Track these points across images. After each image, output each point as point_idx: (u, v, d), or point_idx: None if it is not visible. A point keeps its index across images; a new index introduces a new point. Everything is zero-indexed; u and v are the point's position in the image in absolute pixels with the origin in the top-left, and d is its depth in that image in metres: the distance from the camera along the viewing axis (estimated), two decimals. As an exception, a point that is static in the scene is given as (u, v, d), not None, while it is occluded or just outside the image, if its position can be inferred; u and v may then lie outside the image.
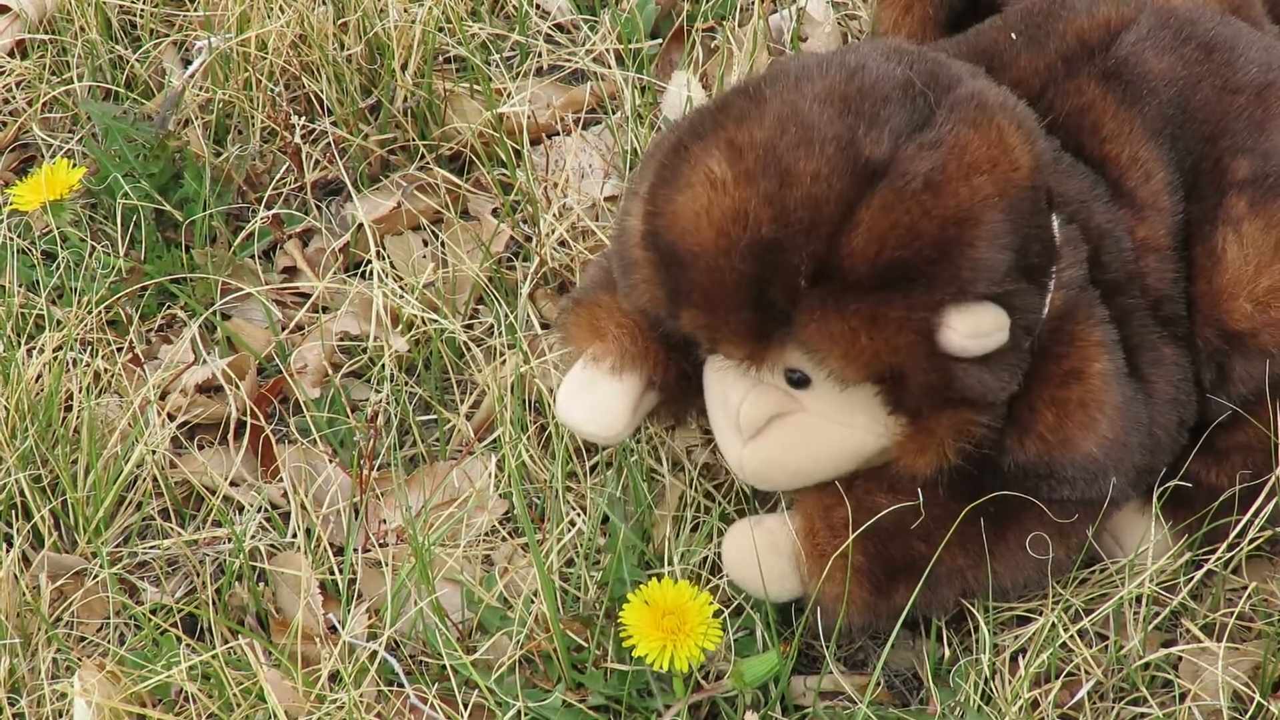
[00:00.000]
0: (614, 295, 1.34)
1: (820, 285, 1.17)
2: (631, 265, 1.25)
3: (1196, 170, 1.33)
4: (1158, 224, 1.32)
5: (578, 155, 1.79)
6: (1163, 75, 1.34)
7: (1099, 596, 1.39)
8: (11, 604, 1.40)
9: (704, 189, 1.18)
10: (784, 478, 1.30)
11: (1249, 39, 1.37)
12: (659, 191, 1.22)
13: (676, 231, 1.20)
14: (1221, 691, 1.32)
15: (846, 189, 1.16)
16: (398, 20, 1.81)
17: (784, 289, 1.17)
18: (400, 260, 1.71)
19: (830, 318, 1.17)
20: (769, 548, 1.32)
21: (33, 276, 1.69)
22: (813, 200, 1.16)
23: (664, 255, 1.21)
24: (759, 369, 1.24)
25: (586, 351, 1.34)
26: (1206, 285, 1.31)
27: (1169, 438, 1.32)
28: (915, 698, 1.39)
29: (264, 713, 1.33)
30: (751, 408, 1.26)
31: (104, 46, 1.88)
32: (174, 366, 1.62)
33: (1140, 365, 1.29)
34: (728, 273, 1.18)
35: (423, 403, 1.61)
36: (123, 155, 1.74)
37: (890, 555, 1.29)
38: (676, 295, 1.22)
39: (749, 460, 1.28)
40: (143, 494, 1.52)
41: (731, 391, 1.28)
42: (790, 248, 1.16)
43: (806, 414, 1.26)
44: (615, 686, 1.35)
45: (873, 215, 1.15)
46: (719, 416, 1.30)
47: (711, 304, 1.20)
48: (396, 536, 1.49)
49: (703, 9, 1.92)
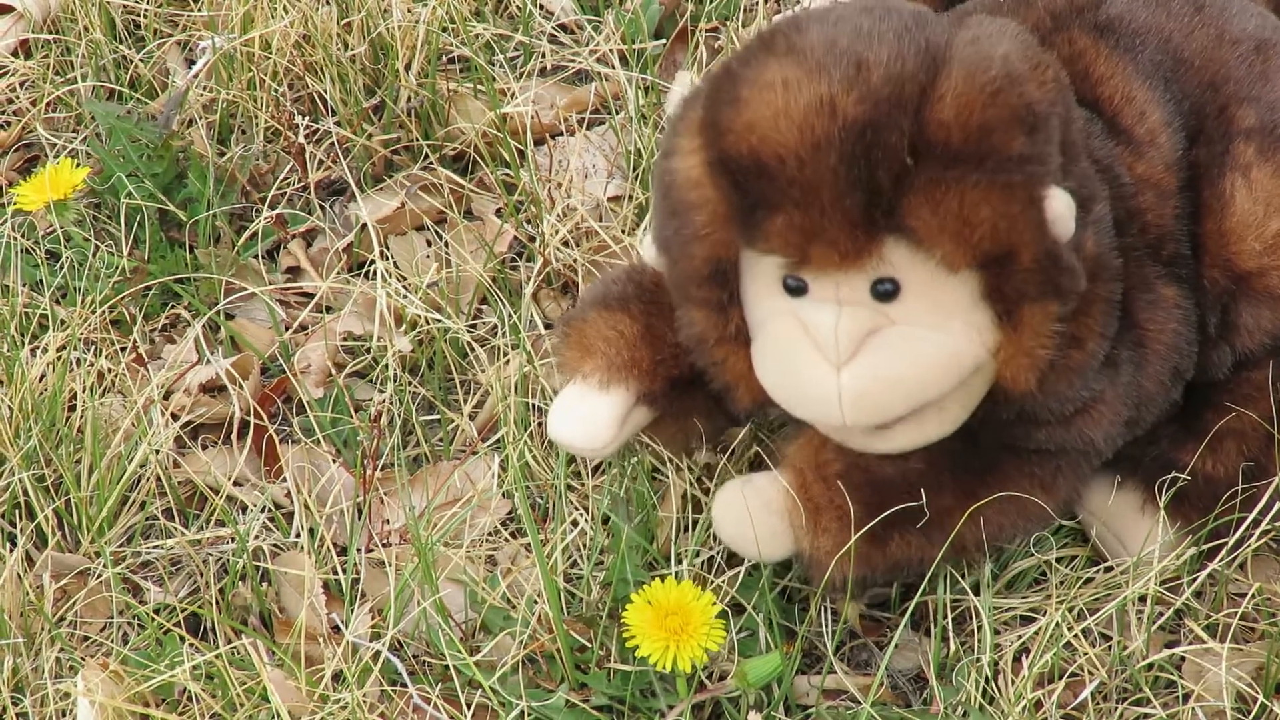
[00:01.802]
0: (603, 311, 1.34)
1: (925, 162, 1.15)
2: (689, 209, 1.21)
3: (1200, 115, 1.33)
4: (1156, 160, 1.32)
5: (581, 156, 1.79)
6: (1152, 28, 1.35)
7: (1103, 596, 1.39)
8: (15, 603, 1.41)
9: (776, 92, 1.15)
10: (889, 398, 1.22)
11: (1239, 3, 1.38)
12: (720, 113, 1.18)
13: (754, 140, 1.16)
14: (1225, 692, 1.32)
15: (921, 66, 1.15)
16: (402, 20, 1.81)
17: (889, 169, 1.15)
18: (404, 260, 1.72)
19: (943, 193, 1.15)
20: (761, 505, 1.30)
21: (37, 276, 1.70)
22: (894, 78, 1.14)
23: (739, 172, 1.17)
24: (855, 270, 1.19)
25: (578, 373, 1.34)
26: (1215, 225, 1.31)
27: (1159, 388, 1.31)
28: (919, 698, 1.39)
29: (267, 713, 1.33)
30: (850, 322, 1.20)
31: (108, 46, 1.88)
32: (178, 366, 1.62)
33: (1134, 309, 1.29)
34: (825, 164, 1.14)
35: (426, 403, 1.61)
36: (127, 155, 1.75)
37: (886, 505, 1.28)
38: (758, 211, 1.17)
39: (850, 384, 1.20)
40: (146, 494, 1.52)
41: (816, 319, 1.21)
42: (886, 125, 1.14)
43: (900, 326, 1.21)
44: (618, 687, 1.35)
45: (955, 87, 1.14)
46: (797, 355, 1.23)
47: (809, 200, 1.16)
48: (400, 536, 1.49)
49: (706, 9, 1.92)
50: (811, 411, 1.25)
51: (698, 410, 1.37)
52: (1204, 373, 1.34)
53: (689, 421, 1.38)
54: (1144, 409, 1.32)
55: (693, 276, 1.24)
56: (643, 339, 1.34)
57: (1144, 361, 1.29)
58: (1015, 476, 1.30)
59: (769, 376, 1.25)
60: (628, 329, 1.34)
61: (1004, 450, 1.29)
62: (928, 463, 1.28)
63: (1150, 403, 1.32)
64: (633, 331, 1.34)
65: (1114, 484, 1.39)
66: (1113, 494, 1.39)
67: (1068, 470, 1.31)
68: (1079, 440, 1.29)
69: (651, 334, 1.34)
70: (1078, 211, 1.21)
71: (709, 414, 1.38)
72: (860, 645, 1.42)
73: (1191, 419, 1.36)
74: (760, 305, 1.25)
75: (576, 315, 1.37)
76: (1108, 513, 1.40)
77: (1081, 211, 1.22)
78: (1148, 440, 1.37)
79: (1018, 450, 1.30)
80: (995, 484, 1.30)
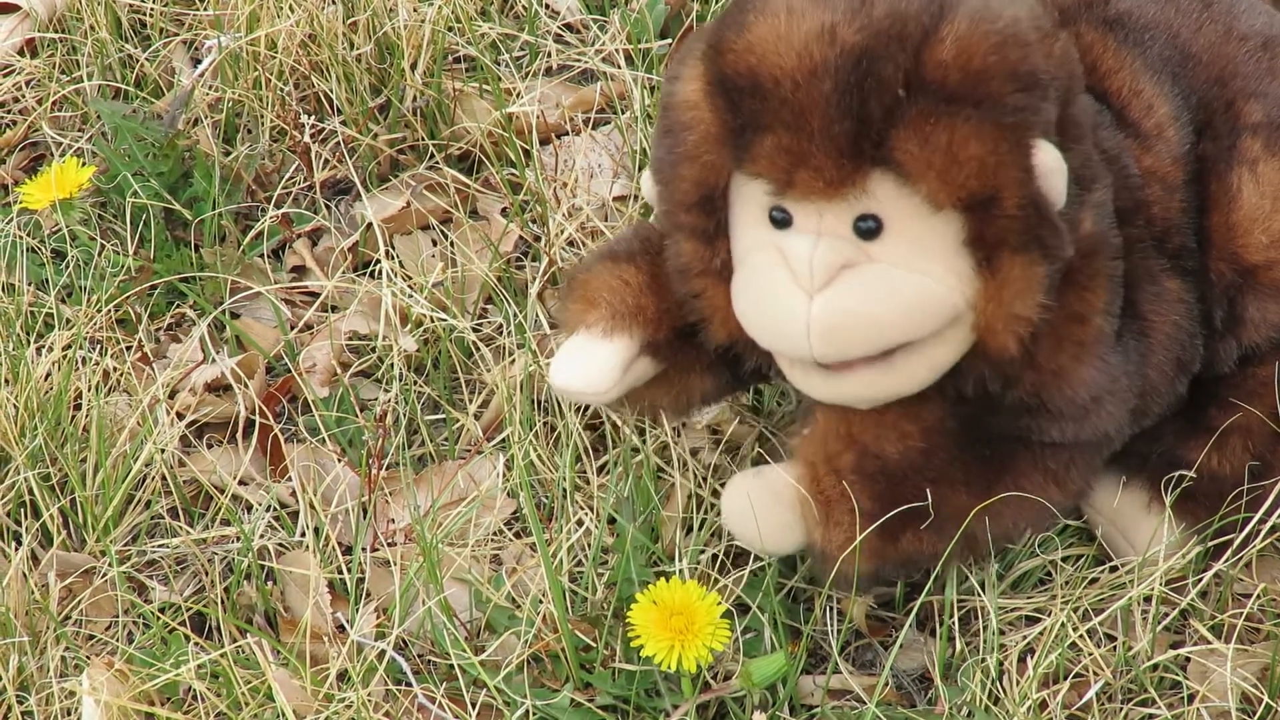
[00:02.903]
0: (609, 262, 1.34)
1: (918, 97, 1.16)
2: (682, 129, 1.22)
3: (1208, 109, 1.34)
4: (1163, 154, 1.32)
5: (587, 155, 1.79)
6: (1161, 23, 1.35)
7: (1108, 596, 1.39)
8: (20, 602, 1.41)
9: (781, 17, 1.17)
10: (858, 333, 1.21)
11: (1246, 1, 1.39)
12: (724, 34, 1.20)
13: (752, 60, 1.18)
14: (1230, 693, 1.32)
15: (927, 9, 1.16)
16: (407, 20, 1.81)
17: (881, 100, 1.16)
18: (409, 260, 1.72)
19: (932, 127, 1.16)
20: (771, 498, 1.30)
21: (42, 275, 1.70)
22: (897, 14, 1.16)
23: (734, 91, 1.19)
24: (839, 201, 1.19)
25: (581, 324, 1.33)
26: (1222, 219, 1.32)
27: (1164, 379, 1.31)
28: (923, 698, 1.38)
29: (272, 711, 1.33)
30: (826, 251, 1.20)
31: (113, 45, 1.89)
32: (183, 365, 1.62)
33: (1138, 300, 1.29)
34: (819, 90, 1.16)
35: (431, 402, 1.61)
36: (132, 154, 1.75)
37: (899, 498, 1.28)
38: (750, 130, 1.19)
39: (820, 315, 1.20)
40: (151, 492, 1.52)
41: (793, 247, 1.21)
42: (883, 55, 1.15)
43: (879, 264, 1.21)
44: (623, 686, 1.35)
45: (957, 30, 1.16)
46: (773, 282, 1.22)
47: (800, 124, 1.17)
48: (405, 536, 1.49)
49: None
50: (780, 341, 1.24)
51: (701, 364, 1.36)
52: (1210, 367, 1.34)
53: (691, 378, 1.37)
54: (1149, 400, 1.32)
55: (681, 201, 1.25)
56: (648, 287, 1.33)
57: (1148, 351, 1.30)
58: (1029, 472, 1.30)
59: (744, 305, 1.25)
60: (633, 278, 1.33)
61: (1018, 444, 1.29)
62: (941, 458, 1.28)
63: (1155, 394, 1.32)
64: (638, 280, 1.33)
65: (1120, 482, 1.39)
66: (1119, 492, 1.39)
67: (1080, 462, 1.31)
68: (1093, 431, 1.29)
69: (657, 283, 1.34)
70: (1075, 189, 1.21)
71: (712, 369, 1.37)
72: (865, 645, 1.42)
73: (1197, 415, 1.36)
74: (745, 237, 1.25)
75: (581, 269, 1.36)
76: (1114, 511, 1.40)
77: (1080, 190, 1.22)
78: (1154, 437, 1.37)
79: (1031, 444, 1.30)
80: (1009, 480, 1.29)
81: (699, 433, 1.52)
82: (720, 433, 1.52)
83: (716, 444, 1.51)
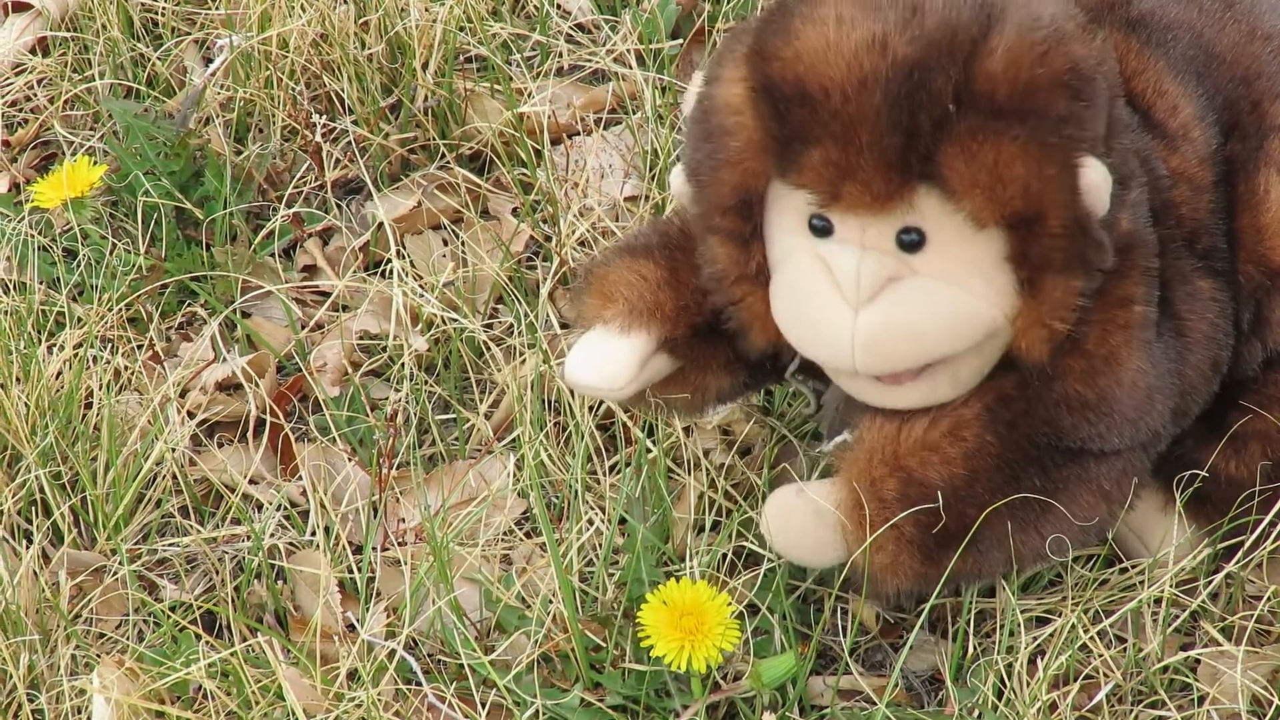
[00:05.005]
0: (627, 257, 1.33)
1: (967, 112, 1.15)
2: (724, 134, 1.20)
3: (1233, 110, 1.33)
4: (1189, 154, 1.31)
5: (598, 155, 1.79)
6: (1183, 23, 1.35)
7: (1118, 598, 1.38)
8: (31, 600, 1.41)
9: (830, 26, 1.15)
10: (901, 348, 1.22)
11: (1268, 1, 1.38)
12: (769, 41, 1.18)
13: (800, 70, 1.16)
14: (1240, 695, 1.32)
15: (976, 17, 1.15)
16: (419, 19, 1.81)
17: (930, 113, 1.15)
18: (420, 259, 1.72)
19: (980, 145, 1.15)
20: (812, 516, 1.29)
21: (54, 274, 1.70)
22: (948, 24, 1.14)
23: (781, 100, 1.17)
24: (883, 215, 1.19)
25: (598, 319, 1.32)
26: (1250, 221, 1.31)
27: (1201, 378, 1.31)
28: (933, 699, 1.38)
29: (282, 710, 1.33)
30: (874, 264, 1.20)
31: (125, 44, 1.89)
32: (194, 364, 1.62)
33: (1173, 299, 1.28)
34: (869, 102, 1.14)
35: (442, 402, 1.61)
36: (144, 153, 1.75)
37: (943, 524, 1.27)
38: (796, 141, 1.17)
39: (865, 328, 1.20)
40: (162, 491, 1.52)
41: (839, 259, 1.21)
42: (934, 69, 1.14)
43: (921, 277, 1.21)
44: (633, 686, 1.35)
45: (1006, 41, 1.14)
46: (815, 294, 1.22)
47: (849, 137, 1.15)
48: (415, 535, 1.50)
49: (724, 9, 1.92)
50: (823, 352, 1.24)
51: (717, 363, 1.36)
52: (1236, 369, 1.33)
53: (707, 376, 1.36)
54: (1189, 400, 1.31)
55: (718, 204, 1.24)
56: (667, 283, 1.32)
57: (1185, 350, 1.29)
58: (1081, 495, 1.29)
59: (785, 314, 1.25)
60: (651, 273, 1.32)
61: (1073, 465, 1.28)
62: (984, 483, 1.27)
63: (1194, 393, 1.31)
64: (656, 276, 1.32)
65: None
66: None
67: (1130, 471, 1.30)
68: (1148, 429, 1.28)
69: (676, 279, 1.33)
70: (1116, 189, 1.20)
71: (729, 368, 1.36)
72: (875, 646, 1.42)
73: (1217, 419, 1.35)
74: (783, 242, 1.24)
75: (599, 263, 1.35)
76: (1130, 513, 1.39)
77: (1120, 189, 1.21)
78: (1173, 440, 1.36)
79: (1086, 464, 1.28)
80: (1061, 506, 1.28)
81: (710, 433, 1.52)
82: (732, 433, 1.52)
83: (728, 445, 1.50)
